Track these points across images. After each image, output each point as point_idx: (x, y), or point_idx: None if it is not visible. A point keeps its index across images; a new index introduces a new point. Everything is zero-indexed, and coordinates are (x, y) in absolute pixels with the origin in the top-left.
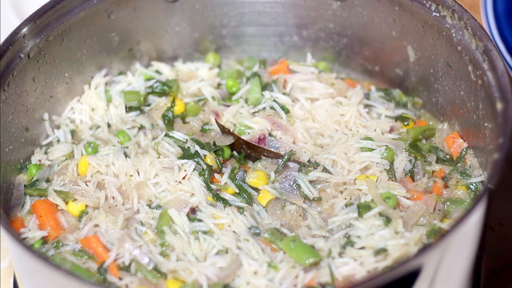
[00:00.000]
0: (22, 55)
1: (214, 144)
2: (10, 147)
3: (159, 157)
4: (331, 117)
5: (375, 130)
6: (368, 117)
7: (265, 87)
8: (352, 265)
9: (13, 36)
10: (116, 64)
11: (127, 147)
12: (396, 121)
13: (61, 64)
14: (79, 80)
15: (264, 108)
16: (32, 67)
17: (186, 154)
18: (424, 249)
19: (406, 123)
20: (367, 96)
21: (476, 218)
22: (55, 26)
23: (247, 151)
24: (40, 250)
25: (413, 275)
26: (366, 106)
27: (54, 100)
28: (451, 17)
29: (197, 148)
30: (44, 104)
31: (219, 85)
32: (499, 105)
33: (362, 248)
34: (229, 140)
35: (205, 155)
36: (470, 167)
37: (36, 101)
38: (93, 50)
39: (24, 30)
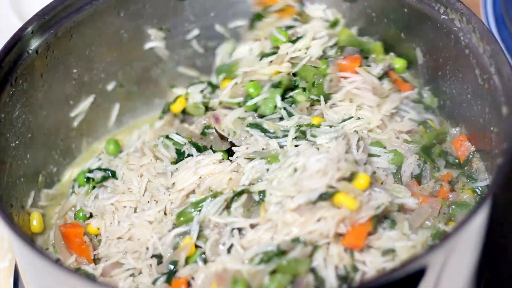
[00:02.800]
0: (30, 51)
1: (211, 148)
2: (17, 142)
3: (156, 161)
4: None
5: (390, 134)
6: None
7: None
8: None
9: (22, 32)
10: None
11: None
12: (418, 125)
13: (69, 61)
14: (87, 76)
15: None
16: (40, 62)
17: (180, 159)
18: (430, 249)
19: (427, 130)
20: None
21: (480, 220)
22: (64, 22)
23: None
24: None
25: (418, 275)
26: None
27: (61, 96)
28: (459, 20)
29: (193, 152)
30: (51, 100)
31: None
32: (504, 110)
33: (370, 247)
34: (225, 146)
35: None
36: (476, 170)
37: (43, 96)
38: (101, 47)
39: (33, 25)
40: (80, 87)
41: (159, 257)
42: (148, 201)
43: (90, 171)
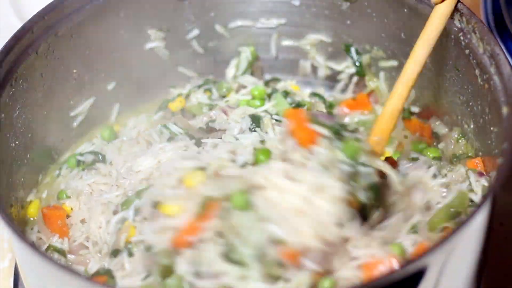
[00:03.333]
0: (30, 51)
1: None
2: (17, 142)
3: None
4: None
5: None
6: None
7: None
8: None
9: (22, 32)
10: None
11: None
12: None
13: (70, 61)
14: (87, 76)
15: None
16: (40, 62)
17: None
18: (429, 250)
19: None
20: None
21: (481, 220)
22: (64, 22)
23: None
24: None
25: (418, 275)
26: None
27: (62, 96)
28: (459, 20)
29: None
30: (51, 100)
31: None
32: (504, 110)
33: None
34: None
35: None
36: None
37: (43, 96)
38: (101, 47)
39: (33, 25)
40: (80, 87)
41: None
42: (112, 185)
43: (82, 154)
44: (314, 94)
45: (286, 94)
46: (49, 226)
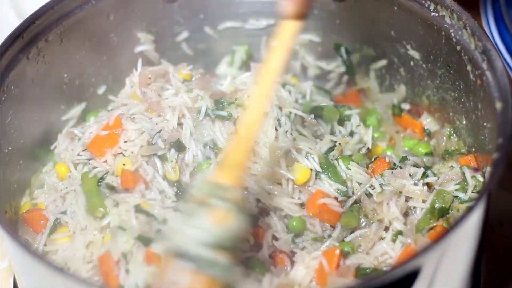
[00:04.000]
0: (21, 56)
1: None
2: (9, 148)
3: None
4: None
5: None
6: None
7: None
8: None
9: (12, 37)
10: None
11: None
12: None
13: (60, 65)
14: (78, 81)
15: None
16: (31, 68)
17: None
18: (423, 249)
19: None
20: None
21: (475, 218)
22: (54, 27)
23: None
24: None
25: (412, 275)
26: None
27: (53, 101)
28: (450, 17)
29: None
30: (43, 105)
31: None
32: (498, 105)
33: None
34: None
35: None
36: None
37: (35, 102)
38: (91, 51)
39: (23, 31)
40: (71, 91)
41: None
42: None
43: None
44: (317, 88)
45: (284, 85)
46: (32, 227)
